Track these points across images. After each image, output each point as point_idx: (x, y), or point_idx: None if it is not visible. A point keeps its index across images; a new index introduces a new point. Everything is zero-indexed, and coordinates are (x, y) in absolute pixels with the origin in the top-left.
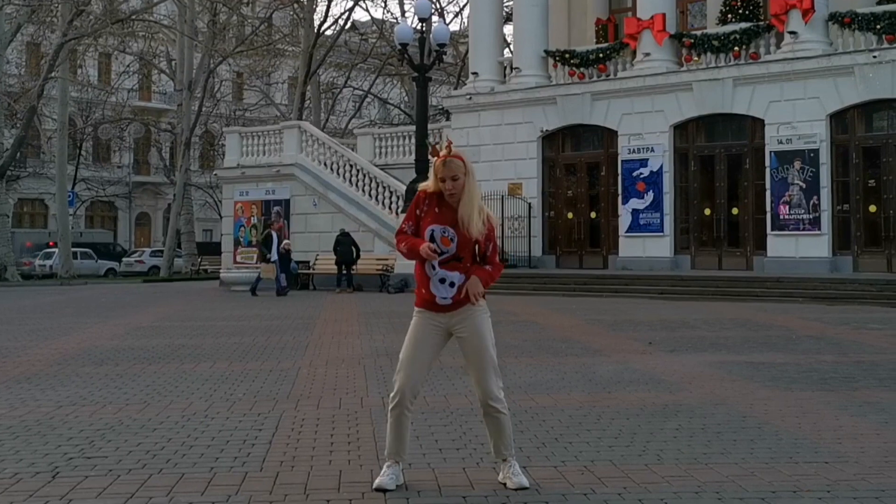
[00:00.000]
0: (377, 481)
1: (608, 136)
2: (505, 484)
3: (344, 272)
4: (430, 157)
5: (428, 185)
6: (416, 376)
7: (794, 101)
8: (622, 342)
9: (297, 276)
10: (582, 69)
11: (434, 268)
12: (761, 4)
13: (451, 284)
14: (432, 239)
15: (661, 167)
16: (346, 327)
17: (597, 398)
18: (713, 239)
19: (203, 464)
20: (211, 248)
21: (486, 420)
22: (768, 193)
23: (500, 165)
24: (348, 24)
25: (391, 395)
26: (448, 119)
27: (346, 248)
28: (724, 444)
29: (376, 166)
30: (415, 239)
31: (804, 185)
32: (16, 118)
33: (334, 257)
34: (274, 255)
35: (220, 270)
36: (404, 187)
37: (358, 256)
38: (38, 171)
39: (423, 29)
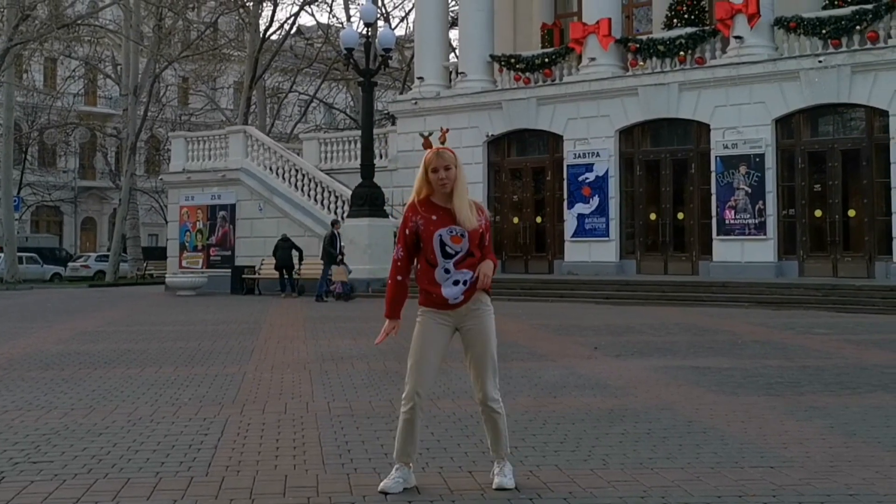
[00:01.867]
0: (382, 484)
1: (554, 141)
2: (492, 483)
3: (286, 277)
4: (423, 147)
5: (414, 195)
6: (429, 378)
7: (740, 105)
8: (568, 347)
9: (242, 280)
10: (528, 74)
11: (448, 271)
12: (707, 9)
13: (464, 283)
14: (441, 243)
15: (607, 172)
16: (292, 332)
17: (542, 403)
18: (659, 243)
19: (149, 468)
20: (157, 253)
21: (484, 418)
22: (714, 198)
23: None
24: (294, 29)
25: (403, 396)
26: (394, 124)
27: (285, 252)
28: (669, 448)
29: (322, 171)
30: (391, 296)
31: (750, 190)
32: None
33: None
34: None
35: (166, 275)
36: (350, 192)
37: (301, 260)
38: None
39: (369, 34)
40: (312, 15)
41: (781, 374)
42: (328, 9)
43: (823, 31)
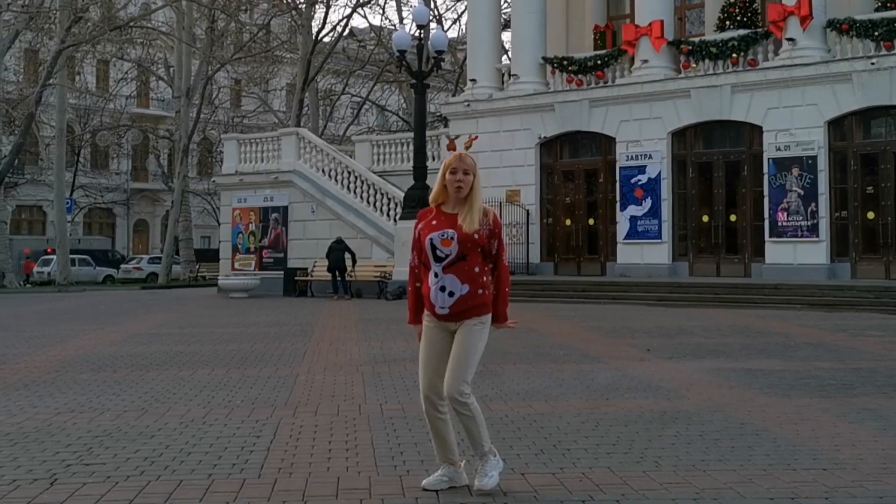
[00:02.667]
0: (425, 480)
1: (606, 143)
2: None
3: (339, 279)
4: (448, 149)
5: (430, 199)
6: (434, 378)
7: (792, 107)
8: (620, 349)
9: (294, 282)
10: (580, 76)
11: (437, 275)
12: (759, 11)
13: (451, 294)
14: (432, 247)
15: (659, 174)
16: (344, 334)
17: (595, 405)
18: (711, 246)
19: (201, 470)
20: (209, 255)
21: (457, 417)
22: (766, 200)
23: (498, 172)
24: (346, 31)
25: (427, 407)
26: (446, 126)
27: (338, 254)
28: (721, 450)
29: (374, 173)
30: (412, 302)
31: (802, 192)
32: (14, 125)
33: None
34: None
35: (218, 277)
36: (402, 194)
37: (354, 263)
38: (37, 178)
39: (422, 36)
40: (365, 17)
41: (834, 377)
42: (381, 11)
43: (876, 33)
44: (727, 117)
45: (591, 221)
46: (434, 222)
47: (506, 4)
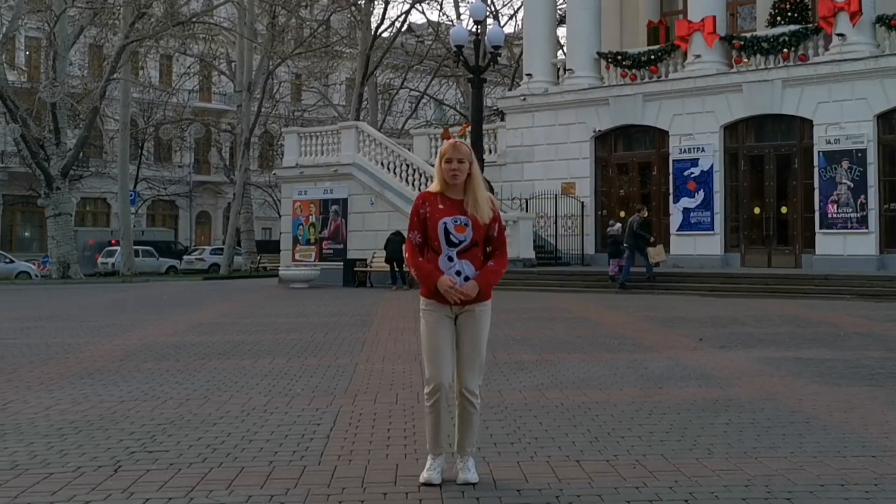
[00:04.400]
0: (424, 475)
1: (659, 137)
2: (455, 478)
3: (397, 269)
4: (442, 138)
5: (431, 187)
6: (446, 369)
7: (842, 101)
8: (673, 339)
9: (354, 273)
10: (634, 71)
11: (451, 259)
12: (810, 7)
13: (466, 279)
14: (446, 231)
15: (712, 167)
16: (402, 324)
17: (648, 393)
18: (762, 237)
19: (262, 457)
20: (270, 246)
21: (459, 411)
22: (816, 192)
23: (554, 165)
24: (405, 27)
25: (427, 391)
26: (503, 120)
27: (396, 246)
28: (773, 438)
29: (432, 166)
30: (429, 267)
31: (852, 185)
32: (79, 119)
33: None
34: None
35: (279, 268)
36: None
37: None
38: (101, 171)
39: (479, 31)
40: (423, 13)
41: (883, 366)
42: (438, 6)
43: None
44: (778, 111)
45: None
46: (441, 206)
47: (561, 1)
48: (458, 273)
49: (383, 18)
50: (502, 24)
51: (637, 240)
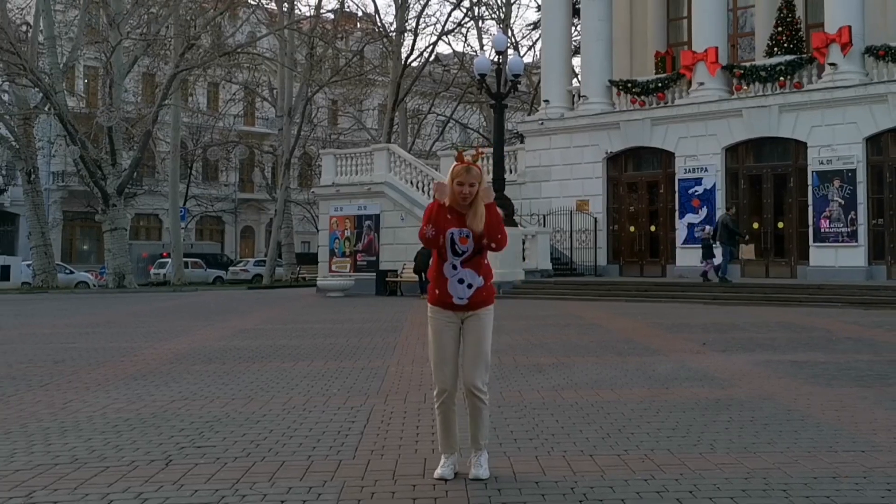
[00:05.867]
0: (438, 472)
1: (666, 158)
2: (468, 474)
3: (425, 280)
4: (455, 160)
5: (441, 198)
6: (453, 372)
7: (834, 125)
8: (679, 343)
9: (385, 283)
10: (643, 97)
11: (455, 267)
12: (804, 39)
13: (469, 286)
14: (452, 241)
15: (714, 185)
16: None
17: (656, 393)
18: (761, 250)
19: (301, 452)
20: (309, 258)
21: (469, 408)
22: (810, 209)
23: (569, 184)
24: (432, 57)
25: (435, 394)
26: (522, 142)
27: (425, 258)
28: (770, 434)
29: None
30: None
31: (843, 202)
32: (133, 141)
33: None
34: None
35: (317, 278)
36: None
37: None
38: (153, 189)
39: (500, 61)
40: (449, 44)
41: (871, 368)
42: (463, 38)
43: None
44: (775, 134)
45: (652, 228)
46: (449, 216)
47: (576, 33)
48: (461, 281)
49: (412, 49)
50: (522, 54)
51: (731, 236)
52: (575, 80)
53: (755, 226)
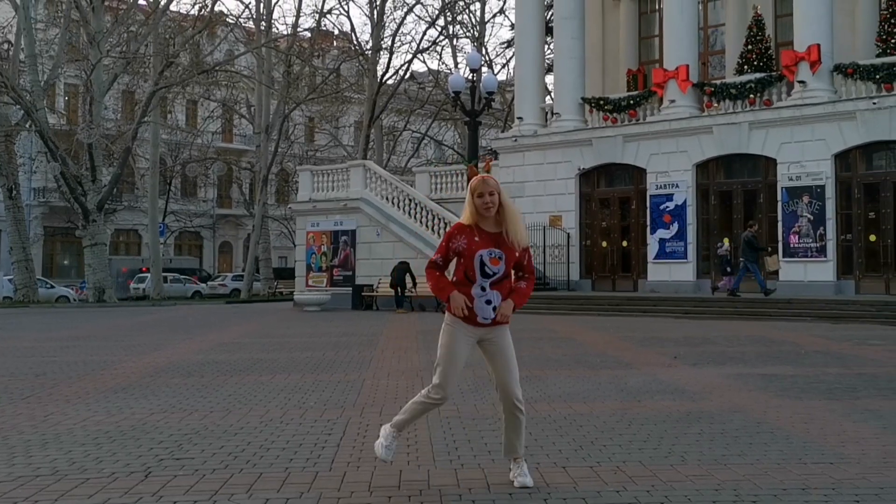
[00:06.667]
0: (381, 452)
1: (638, 174)
2: (513, 482)
3: (400, 294)
4: (468, 175)
5: (463, 218)
6: (456, 381)
7: (803, 142)
8: (650, 356)
9: (361, 298)
10: (615, 114)
11: (484, 289)
12: (774, 57)
13: (495, 308)
14: (482, 264)
15: (685, 201)
16: (406, 343)
17: (628, 406)
18: (731, 265)
19: (279, 464)
20: (286, 273)
21: (509, 420)
22: (780, 224)
23: (542, 200)
24: (408, 75)
25: (434, 395)
26: (496, 158)
27: (400, 273)
28: (740, 446)
29: (433, 200)
30: (446, 281)
31: (812, 218)
32: (113, 158)
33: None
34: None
35: (294, 293)
36: (458, 219)
37: (414, 284)
38: (133, 205)
39: (474, 79)
40: (424, 62)
41: (840, 381)
42: (438, 56)
43: (878, 76)
44: (745, 151)
45: (624, 243)
46: (477, 238)
47: (549, 51)
48: (488, 302)
49: (388, 67)
50: (496, 72)
51: (753, 252)
52: (548, 97)
53: (725, 241)
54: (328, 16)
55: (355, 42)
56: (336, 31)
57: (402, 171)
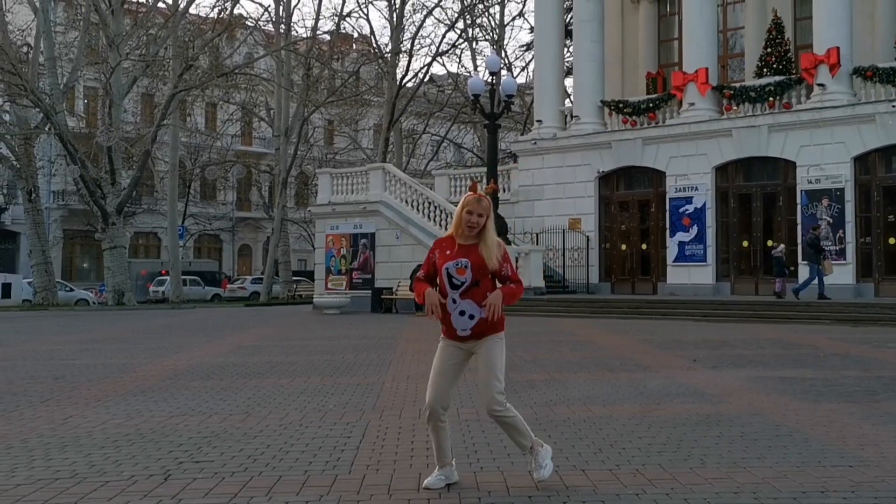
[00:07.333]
0: (426, 481)
1: (657, 177)
2: (531, 474)
3: None
4: (469, 189)
5: (447, 233)
6: (443, 392)
7: (822, 145)
8: (670, 360)
9: (381, 301)
10: (634, 117)
11: (455, 301)
12: (793, 60)
13: (471, 317)
14: (448, 276)
15: (704, 204)
16: (425, 346)
17: (647, 409)
18: (750, 268)
19: (298, 467)
20: (305, 276)
21: (499, 425)
22: (799, 227)
23: (562, 203)
24: (427, 78)
25: (427, 413)
26: (515, 161)
27: None
28: (760, 449)
29: (452, 203)
30: (423, 284)
31: (831, 221)
32: (132, 161)
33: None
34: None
35: (314, 296)
36: None
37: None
38: (152, 208)
39: (494, 82)
40: (443, 65)
41: (859, 384)
42: (457, 59)
43: None
44: (764, 154)
45: (643, 246)
46: (448, 252)
47: (568, 54)
48: (462, 313)
49: (407, 70)
50: (515, 75)
51: (816, 255)
52: (567, 100)
53: (745, 244)
54: (347, 19)
55: (374, 45)
56: (355, 34)
57: (422, 174)
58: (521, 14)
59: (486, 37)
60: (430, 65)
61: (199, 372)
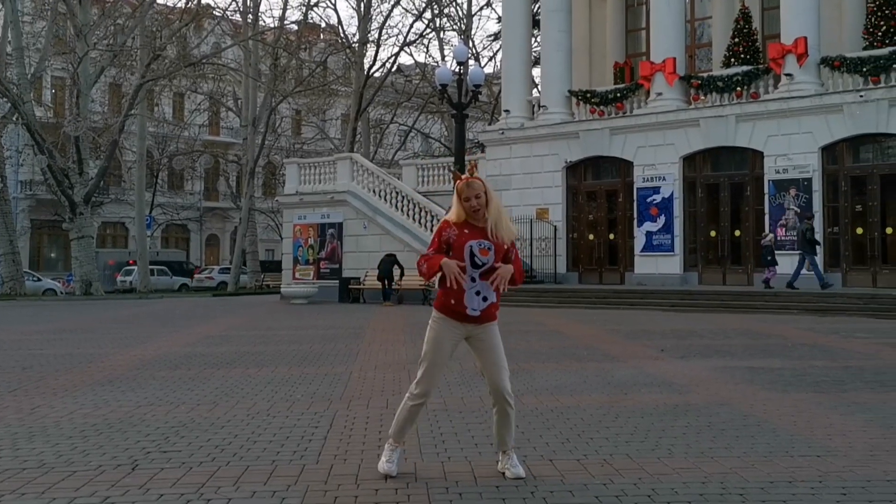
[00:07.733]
0: (384, 466)
1: (625, 167)
2: (504, 473)
3: (387, 287)
4: (452, 179)
5: (450, 216)
6: (439, 379)
7: (790, 135)
8: (637, 349)
9: (348, 290)
10: (602, 107)
11: (474, 280)
12: (761, 50)
13: (485, 299)
14: (472, 254)
15: (672, 194)
16: (392, 336)
17: (615, 399)
18: (718, 258)
19: (266, 457)
20: (273, 266)
21: (500, 414)
22: (767, 217)
23: (529, 193)
24: (395, 68)
25: (416, 392)
26: (483, 151)
27: (387, 266)
28: (727, 440)
29: (419, 193)
30: (436, 255)
31: (799, 210)
32: (99, 151)
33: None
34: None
35: (281, 286)
36: (444, 212)
37: (402, 275)
38: (120, 198)
39: (461, 71)
40: (411, 55)
41: (827, 374)
42: (425, 49)
43: (864, 69)
44: (732, 144)
45: (611, 236)
46: (466, 230)
47: (536, 44)
48: (478, 293)
49: (375, 60)
50: (483, 64)
51: (810, 245)
52: (535, 90)
53: (712, 234)
54: (315, 8)
55: (342, 35)
56: (323, 24)
57: (389, 164)
58: (488, 4)
59: (454, 27)
60: (397, 55)
61: (167, 362)
